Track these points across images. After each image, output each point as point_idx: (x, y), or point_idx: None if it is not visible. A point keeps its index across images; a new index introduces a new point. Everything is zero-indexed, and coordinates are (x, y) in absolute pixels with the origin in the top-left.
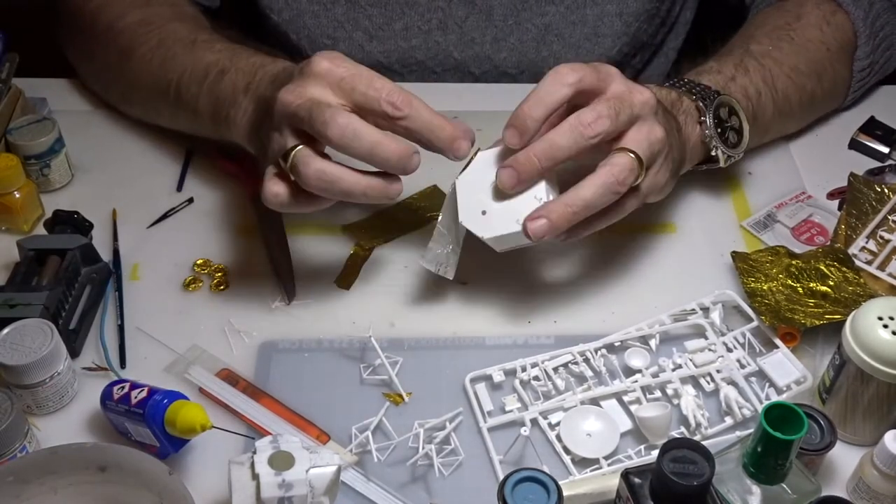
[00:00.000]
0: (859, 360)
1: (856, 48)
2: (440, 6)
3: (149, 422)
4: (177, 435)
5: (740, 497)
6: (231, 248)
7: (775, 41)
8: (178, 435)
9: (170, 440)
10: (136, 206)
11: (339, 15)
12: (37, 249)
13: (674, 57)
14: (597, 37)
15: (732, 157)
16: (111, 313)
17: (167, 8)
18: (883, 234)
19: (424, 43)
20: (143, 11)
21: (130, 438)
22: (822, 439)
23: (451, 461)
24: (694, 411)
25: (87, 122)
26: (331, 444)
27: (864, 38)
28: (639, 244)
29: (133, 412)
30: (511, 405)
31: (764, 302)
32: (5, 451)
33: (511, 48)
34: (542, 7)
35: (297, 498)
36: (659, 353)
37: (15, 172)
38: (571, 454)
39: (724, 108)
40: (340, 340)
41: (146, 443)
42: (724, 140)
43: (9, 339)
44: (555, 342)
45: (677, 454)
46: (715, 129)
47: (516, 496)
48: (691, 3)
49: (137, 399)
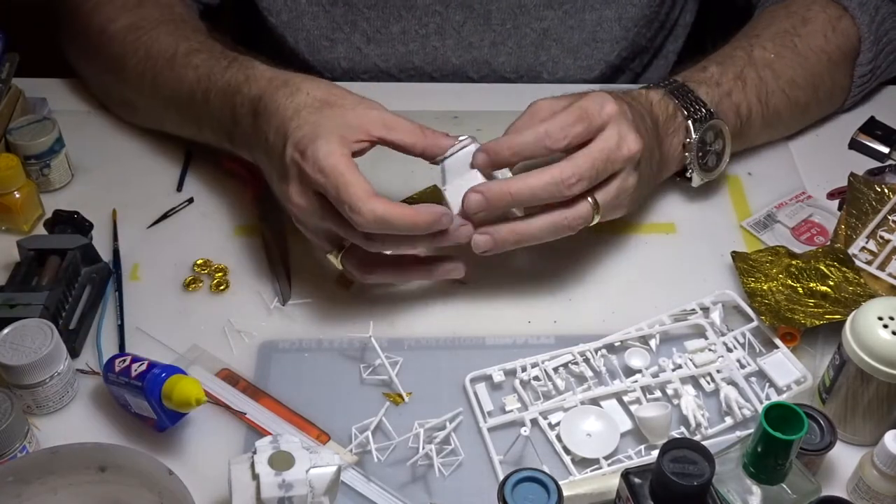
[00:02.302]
0: (859, 360)
1: (858, 54)
2: (438, 11)
3: (147, 394)
4: (172, 408)
5: (740, 497)
6: (231, 248)
7: (779, 47)
8: (174, 408)
9: (166, 413)
10: (136, 206)
11: (338, 17)
12: (37, 249)
13: (673, 59)
14: (595, 42)
15: (703, 180)
16: (111, 313)
17: (157, 10)
18: (883, 234)
19: (422, 47)
20: (132, 15)
21: (130, 411)
22: (822, 439)
23: (451, 461)
24: (694, 411)
25: (87, 122)
26: (331, 444)
27: (868, 44)
28: (638, 244)
29: (132, 384)
30: (511, 405)
31: (764, 302)
32: (5, 451)
33: (509, 52)
34: (541, 12)
35: (298, 498)
36: (659, 353)
37: (15, 172)
38: (571, 454)
39: (711, 132)
40: (340, 340)
41: (145, 416)
42: (704, 163)
43: (9, 339)
44: (555, 342)
45: (677, 454)
46: (696, 152)
47: (516, 496)
48: (691, 5)
49: (137, 372)
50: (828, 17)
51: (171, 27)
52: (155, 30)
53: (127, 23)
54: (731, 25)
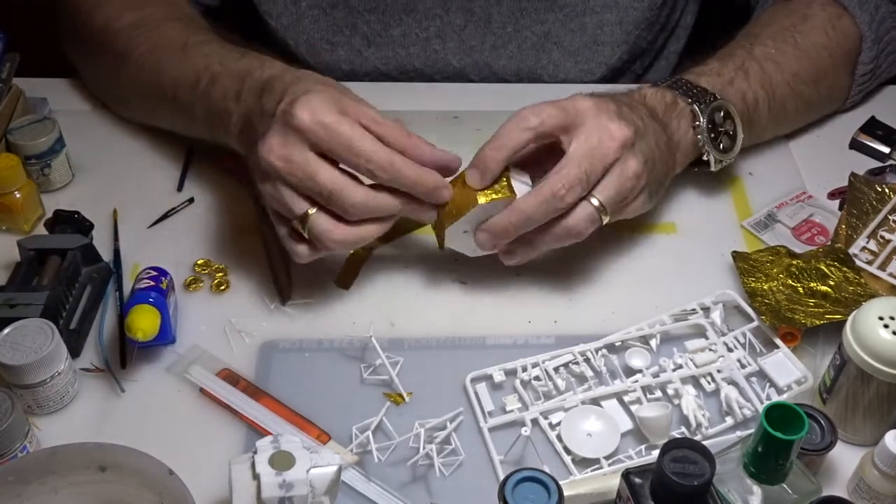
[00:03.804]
0: (860, 360)
1: (859, 53)
2: (438, 14)
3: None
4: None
5: (741, 497)
6: (231, 248)
7: (779, 43)
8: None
9: None
10: (137, 206)
11: (338, 20)
12: (37, 249)
13: (675, 61)
14: (596, 45)
15: (723, 162)
16: (112, 313)
17: (161, 9)
18: (883, 234)
19: (423, 50)
20: (137, 13)
21: None
22: (822, 439)
23: (451, 461)
24: (694, 411)
25: (87, 122)
26: (331, 443)
27: (869, 44)
28: (639, 244)
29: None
30: (511, 405)
31: (764, 302)
32: (6, 451)
33: (510, 56)
34: (541, 15)
35: (298, 498)
36: (659, 353)
37: (15, 172)
38: (572, 454)
39: (719, 113)
40: (341, 340)
41: None
42: (717, 145)
43: (9, 338)
44: (555, 342)
45: (678, 454)
46: (708, 133)
47: (517, 496)
48: (692, 6)
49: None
50: (828, 16)
51: (178, 23)
52: (161, 25)
53: (132, 20)
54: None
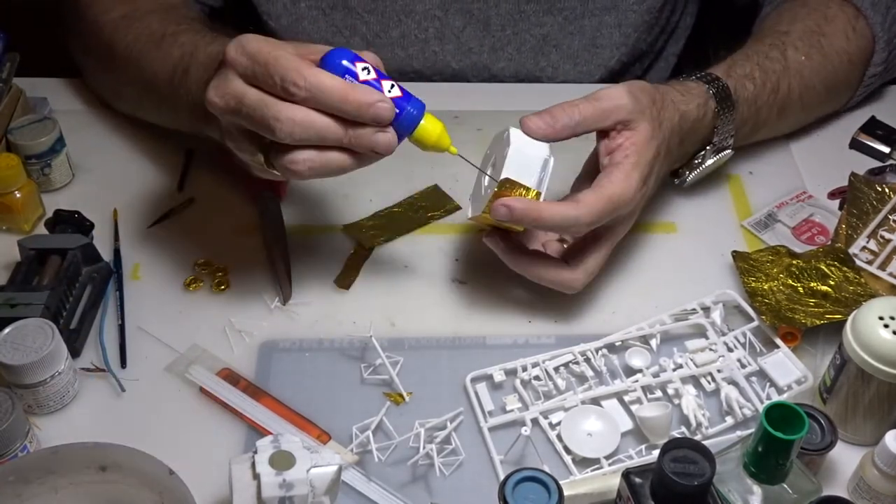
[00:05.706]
0: (860, 359)
1: (872, 54)
2: (437, 16)
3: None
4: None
5: (741, 497)
6: (231, 248)
7: (807, 48)
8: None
9: None
10: (137, 205)
11: (337, 21)
12: (38, 249)
13: (674, 62)
14: (595, 47)
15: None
16: (112, 313)
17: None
18: (883, 234)
19: (422, 52)
20: (126, 5)
21: None
22: (822, 439)
23: (451, 461)
24: (695, 411)
25: (87, 122)
26: (331, 443)
27: (883, 44)
28: (639, 244)
29: None
30: (512, 405)
31: (765, 301)
32: (6, 451)
33: (509, 58)
34: (540, 17)
35: (298, 498)
36: (660, 353)
37: (16, 172)
38: (572, 454)
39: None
40: (341, 340)
41: None
42: None
43: (9, 338)
44: (555, 342)
45: (678, 454)
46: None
47: (517, 496)
48: (691, 8)
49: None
50: (846, 17)
51: (162, 14)
52: (147, 17)
53: (120, 13)
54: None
